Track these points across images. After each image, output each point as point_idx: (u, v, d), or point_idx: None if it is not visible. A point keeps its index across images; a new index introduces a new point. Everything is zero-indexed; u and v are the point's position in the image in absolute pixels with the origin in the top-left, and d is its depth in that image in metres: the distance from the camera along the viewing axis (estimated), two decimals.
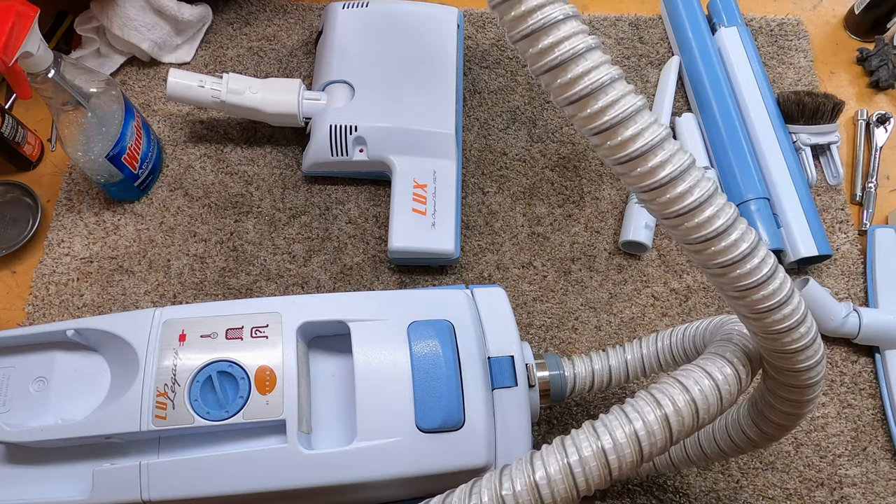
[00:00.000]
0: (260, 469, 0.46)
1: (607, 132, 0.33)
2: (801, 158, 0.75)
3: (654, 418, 0.37)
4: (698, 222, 0.34)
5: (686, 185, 0.34)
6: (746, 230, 0.35)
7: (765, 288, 0.35)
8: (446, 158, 0.70)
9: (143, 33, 0.75)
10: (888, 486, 0.63)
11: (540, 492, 0.36)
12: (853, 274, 0.72)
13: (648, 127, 0.33)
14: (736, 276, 0.35)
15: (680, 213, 0.34)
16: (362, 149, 0.69)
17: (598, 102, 0.33)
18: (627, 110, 0.33)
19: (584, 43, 0.32)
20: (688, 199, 0.34)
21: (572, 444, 0.37)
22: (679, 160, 0.34)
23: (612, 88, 0.33)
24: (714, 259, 0.35)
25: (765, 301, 0.35)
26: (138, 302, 0.68)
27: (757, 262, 0.35)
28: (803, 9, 0.88)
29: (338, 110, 0.70)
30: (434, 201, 0.68)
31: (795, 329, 0.37)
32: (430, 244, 0.66)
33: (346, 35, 0.73)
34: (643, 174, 0.34)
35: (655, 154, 0.33)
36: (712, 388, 0.39)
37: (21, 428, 0.48)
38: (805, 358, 0.38)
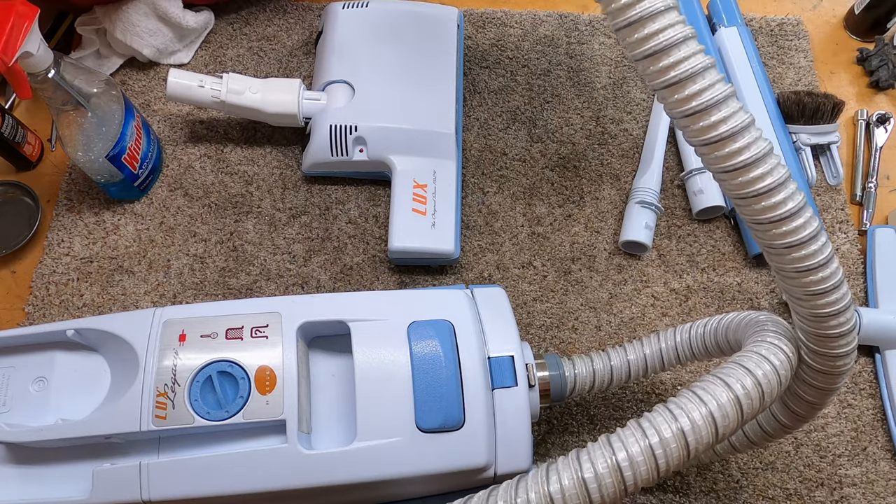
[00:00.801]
0: (260, 469, 0.46)
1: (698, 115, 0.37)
2: (801, 158, 0.75)
3: (700, 414, 0.37)
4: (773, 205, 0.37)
5: (762, 169, 0.37)
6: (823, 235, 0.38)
7: (823, 270, 0.38)
8: (446, 158, 0.70)
9: (146, 39, 0.75)
10: (888, 486, 0.63)
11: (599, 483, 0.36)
12: (853, 274, 0.72)
13: (736, 113, 0.36)
14: (802, 257, 0.38)
15: (757, 193, 0.37)
16: (362, 149, 0.69)
17: (690, 88, 0.36)
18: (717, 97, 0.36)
19: (682, 33, 0.35)
20: (764, 182, 0.36)
21: (621, 440, 0.37)
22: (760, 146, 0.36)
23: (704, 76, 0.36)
24: (784, 239, 0.37)
25: (822, 283, 0.38)
26: (138, 302, 0.68)
27: (818, 245, 0.38)
28: (803, 9, 0.88)
29: (338, 110, 0.70)
30: (434, 201, 0.68)
31: (842, 314, 0.39)
32: (430, 244, 0.66)
33: (346, 35, 0.73)
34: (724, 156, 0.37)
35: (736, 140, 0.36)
36: (772, 371, 0.39)
37: (21, 428, 0.48)
38: (845, 343, 0.40)
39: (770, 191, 0.36)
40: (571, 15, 0.84)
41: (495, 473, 0.49)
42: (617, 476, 0.35)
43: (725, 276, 0.71)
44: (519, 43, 0.82)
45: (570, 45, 0.83)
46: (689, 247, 0.73)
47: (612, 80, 0.81)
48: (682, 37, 0.35)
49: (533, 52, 0.82)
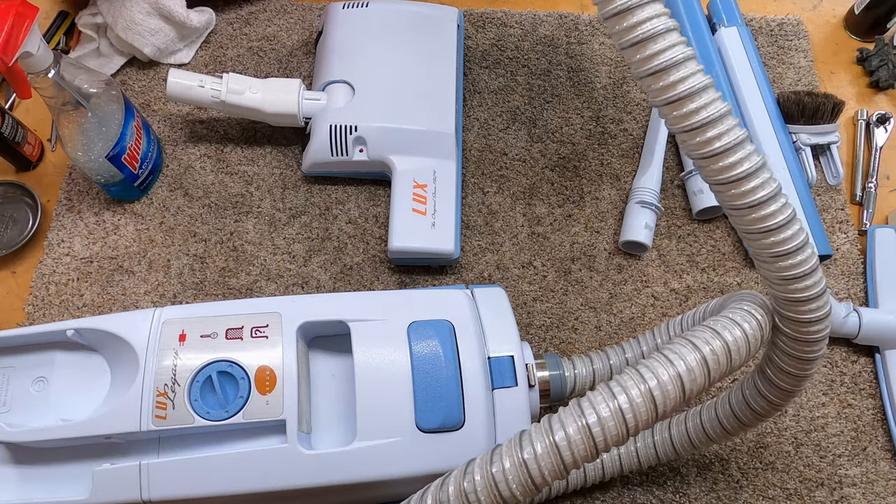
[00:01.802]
0: (260, 469, 0.46)
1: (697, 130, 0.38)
2: (801, 158, 0.75)
3: (667, 377, 0.39)
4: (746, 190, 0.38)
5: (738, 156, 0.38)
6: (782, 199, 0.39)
7: (783, 232, 0.39)
8: (446, 158, 0.70)
9: (147, 38, 0.75)
10: (888, 486, 0.63)
11: (594, 436, 0.37)
12: (853, 274, 0.72)
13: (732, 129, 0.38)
14: (760, 218, 0.39)
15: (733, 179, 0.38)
16: (362, 149, 0.69)
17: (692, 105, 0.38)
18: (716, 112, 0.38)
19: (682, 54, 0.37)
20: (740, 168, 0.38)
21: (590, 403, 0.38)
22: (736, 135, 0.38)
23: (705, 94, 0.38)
24: (740, 200, 0.39)
25: (783, 244, 0.39)
26: (138, 302, 0.68)
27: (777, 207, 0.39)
28: (803, 9, 0.88)
29: (338, 110, 0.70)
30: (434, 201, 0.68)
31: (809, 276, 0.40)
32: (430, 244, 0.66)
33: (346, 35, 0.73)
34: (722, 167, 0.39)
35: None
36: (742, 338, 0.41)
37: (21, 428, 0.48)
38: (814, 308, 0.42)
39: (747, 177, 0.38)
40: (571, 15, 0.84)
41: None
42: (588, 439, 0.37)
43: (725, 276, 0.71)
44: (519, 43, 0.82)
45: (570, 45, 0.83)
46: (689, 247, 0.73)
47: (612, 80, 0.81)
48: (683, 57, 0.37)
49: (533, 52, 0.82)
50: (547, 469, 0.37)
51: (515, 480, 0.37)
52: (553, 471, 0.37)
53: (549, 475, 0.37)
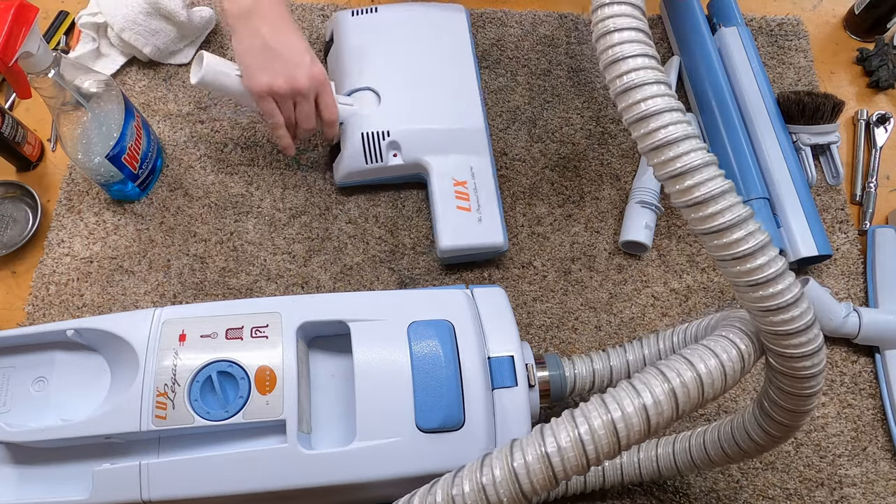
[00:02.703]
0: (260, 469, 0.46)
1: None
2: (801, 158, 0.75)
3: (661, 391, 0.39)
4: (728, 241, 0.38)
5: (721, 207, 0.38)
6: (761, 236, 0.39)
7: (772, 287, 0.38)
8: (480, 153, 0.70)
9: (147, 38, 0.75)
10: (888, 486, 0.63)
11: (551, 460, 0.37)
12: (853, 274, 0.72)
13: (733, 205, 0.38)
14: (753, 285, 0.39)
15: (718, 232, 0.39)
16: (396, 153, 0.69)
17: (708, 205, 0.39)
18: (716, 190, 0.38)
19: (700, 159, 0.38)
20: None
21: (581, 416, 0.39)
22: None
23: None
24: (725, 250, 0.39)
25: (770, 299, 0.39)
26: (138, 302, 0.68)
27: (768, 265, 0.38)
28: (803, 9, 0.88)
29: (367, 117, 0.69)
30: (476, 196, 0.68)
31: (792, 307, 0.39)
32: (480, 239, 0.67)
33: (360, 42, 0.73)
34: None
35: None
36: (717, 367, 0.40)
37: (21, 428, 0.48)
38: (803, 342, 0.40)
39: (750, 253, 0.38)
40: (571, 15, 0.84)
41: None
42: (546, 467, 0.37)
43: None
44: (519, 43, 0.82)
45: (570, 45, 0.82)
46: (689, 247, 0.73)
47: None
48: (683, 135, 0.39)
49: (533, 52, 0.82)
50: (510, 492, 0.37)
51: (504, 488, 0.37)
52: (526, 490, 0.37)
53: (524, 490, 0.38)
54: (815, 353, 0.40)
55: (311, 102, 0.65)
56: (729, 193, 0.38)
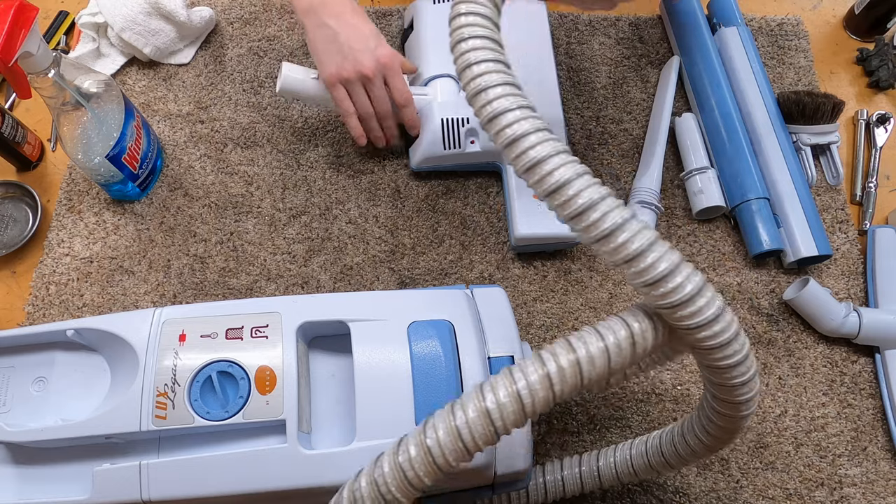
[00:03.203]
0: (260, 469, 0.46)
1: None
2: (801, 158, 0.75)
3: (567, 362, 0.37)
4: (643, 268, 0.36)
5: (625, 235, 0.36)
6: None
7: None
8: None
9: (147, 38, 0.75)
10: (888, 486, 0.63)
11: (490, 416, 0.37)
12: (853, 274, 0.72)
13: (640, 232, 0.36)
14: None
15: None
16: (474, 140, 0.70)
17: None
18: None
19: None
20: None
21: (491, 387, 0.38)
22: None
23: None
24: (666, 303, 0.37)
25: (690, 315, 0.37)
26: (138, 302, 0.68)
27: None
28: (803, 9, 0.88)
29: (446, 104, 0.70)
30: None
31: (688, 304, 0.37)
32: (555, 229, 0.67)
33: (440, 29, 0.74)
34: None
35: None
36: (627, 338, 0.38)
37: (21, 428, 0.48)
38: (729, 356, 0.38)
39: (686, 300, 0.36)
40: (571, 15, 0.84)
41: (495, 473, 0.49)
42: (456, 440, 0.37)
43: (725, 276, 0.71)
44: None
45: (570, 45, 0.82)
46: (689, 247, 0.73)
47: (612, 80, 0.81)
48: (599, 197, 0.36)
49: None
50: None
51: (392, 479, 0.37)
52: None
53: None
54: (726, 345, 0.38)
55: (380, 86, 0.66)
56: (585, 181, 0.37)
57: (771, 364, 0.68)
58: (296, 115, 0.77)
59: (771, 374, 0.67)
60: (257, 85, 0.79)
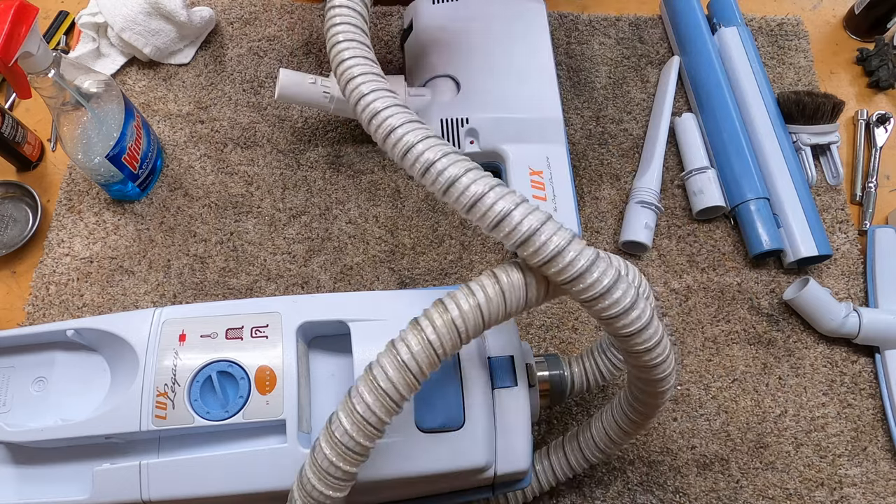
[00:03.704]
0: (260, 469, 0.46)
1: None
2: (801, 158, 0.75)
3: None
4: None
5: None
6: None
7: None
8: (556, 143, 0.71)
9: (147, 38, 0.75)
10: (888, 486, 0.63)
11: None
12: (853, 274, 0.72)
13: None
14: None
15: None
16: (473, 140, 0.70)
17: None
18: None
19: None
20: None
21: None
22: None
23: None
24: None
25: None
26: (138, 302, 0.68)
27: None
28: (803, 9, 0.88)
29: (446, 104, 0.70)
30: (552, 186, 0.68)
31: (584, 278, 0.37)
32: None
33: (440, 30, 0.74)
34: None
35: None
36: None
37: (21, 428, 0.48)
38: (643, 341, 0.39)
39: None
40: (571, 15, 0.84)
41: (495, 473, 0.49)
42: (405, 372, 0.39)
43: (725, 276, 0.71)
44: None
45: (570, 45, 0.82)
46: (689, 247, 0.73)
47: (612, 80, 0.81)
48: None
49: None
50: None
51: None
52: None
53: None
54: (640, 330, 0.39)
55: None
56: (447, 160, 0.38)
57: (771, 364, 0.68)
58: (296, 115, 0.77)
59: (771, 374, 0.67)
60: (257, 85, 0.79)
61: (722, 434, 0.65)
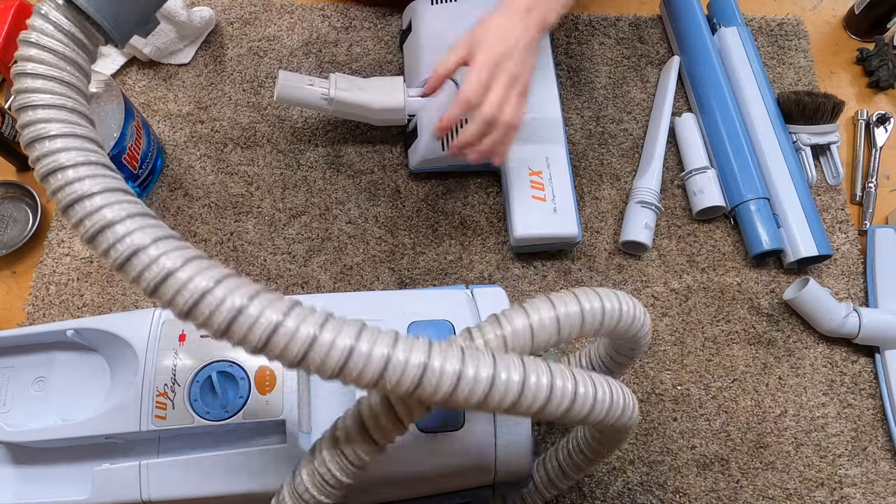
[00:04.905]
0: (260, 469, 0.46)
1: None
2: (801, 158, 0.75)
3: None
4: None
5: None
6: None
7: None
8: (556, 143, 0.71)
9: (147, 38, 0.75)
10: (888, 486, 0.63)
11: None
12: (853, 274, 0.72)
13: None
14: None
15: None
16: None
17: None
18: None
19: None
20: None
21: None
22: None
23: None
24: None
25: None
26: (138, 302, 0.68)
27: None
28: (803, 9, 0.88)
29: (445, 105, 0.70)
30: (551, 186, 0.69)
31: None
32: (555, 229, 0.67)
33: (439, 30, 0.74)
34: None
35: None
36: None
37: (21, 428, 0.48)
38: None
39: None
40: (571, 15, 0.84)
41: (495, 473, 0.49)
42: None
43: (725, 276, 0.71)
44: None
45: (570, 45, 0.82)
46: (689, 247, 0.73)
47: (612, 80, 0.81)
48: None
49: None
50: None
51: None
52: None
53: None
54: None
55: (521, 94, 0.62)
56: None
57: (771, 364, 0.68)
58: (296, 115, 0.77)
59: (771, 374, 0.67)
60: (257, 85, 0.79)
61: (722, 434, 0.65)
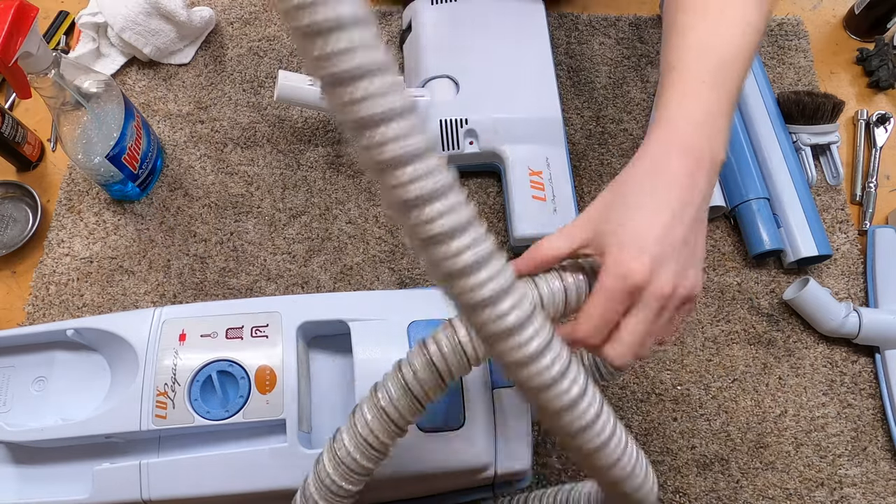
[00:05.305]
0: (260, 469, 0.46)
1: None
2: (801, 158, 0.75)
3: None
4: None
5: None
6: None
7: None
8: (556, 143, 0.71)
9: (147, 38, 0.75)
10: (888, 486, 0.63)
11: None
12: (853, 274, 0.72)
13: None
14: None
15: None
16: (472, 141, 0.70)
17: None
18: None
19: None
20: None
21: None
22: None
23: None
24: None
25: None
26: (138, 302, 0.68)
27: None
28: (803, 9, 0.88)
29: (445, 105, 0.70)
30: (551, 186, 0.69)
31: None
32: (554, 229, 0.66)
33: (439, 30, 0.74)
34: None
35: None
36: None
37: (21, 428, 0.48)
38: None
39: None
40: (571, 15, 0.84)
41: (495, 473, 0.49)
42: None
43: (725, 276, 0.71)
44: None
45: (570, 45, 0.82)
46: None
47: (612, 80, 0.81)
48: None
49: None
50: None
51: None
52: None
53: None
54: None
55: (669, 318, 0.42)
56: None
57: (771, 364, 0.68)
58: (296, 115, 0.77)
59: (771, 374, 0.67)
60: (257, 85, 0.79)
61: (722, 434, 0.65)
